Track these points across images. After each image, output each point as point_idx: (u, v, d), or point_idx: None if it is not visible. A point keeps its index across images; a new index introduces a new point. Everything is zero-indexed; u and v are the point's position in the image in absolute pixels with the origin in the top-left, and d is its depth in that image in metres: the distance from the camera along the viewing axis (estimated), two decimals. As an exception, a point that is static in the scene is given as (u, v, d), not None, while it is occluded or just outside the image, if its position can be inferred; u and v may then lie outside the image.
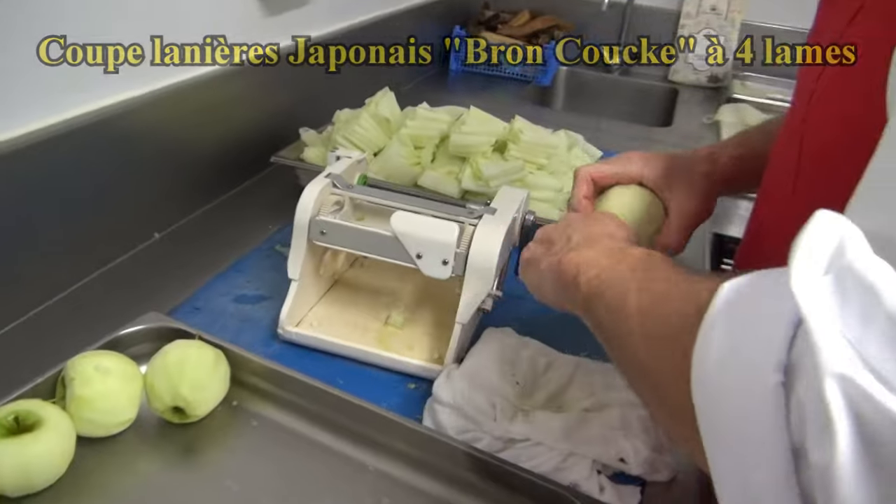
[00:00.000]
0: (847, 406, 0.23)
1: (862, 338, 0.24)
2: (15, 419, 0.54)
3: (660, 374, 0.36)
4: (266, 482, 0.58)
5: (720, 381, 0.29)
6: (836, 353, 0.24)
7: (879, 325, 0.24)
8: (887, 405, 0.22)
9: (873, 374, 0.23)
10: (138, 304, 0.76)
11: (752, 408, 0.26)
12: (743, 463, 0.27)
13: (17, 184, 0.70)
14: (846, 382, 0.23)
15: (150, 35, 0.86)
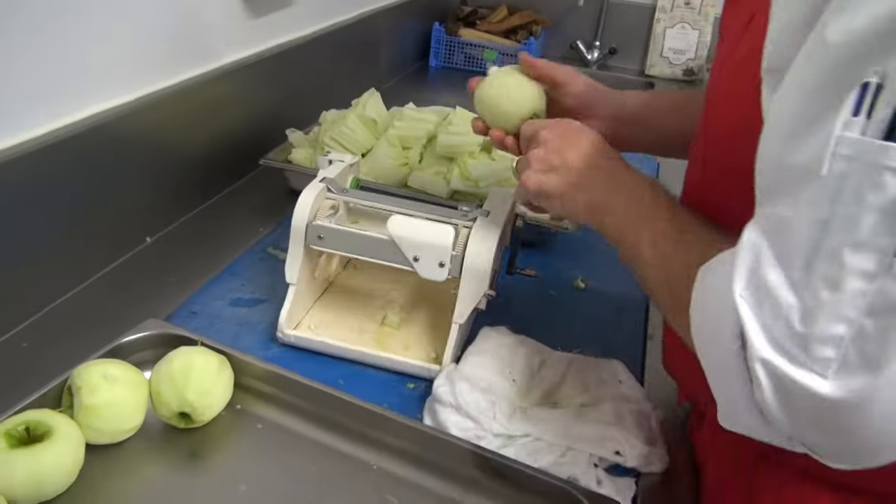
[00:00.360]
0: (767, 376, 0.37)
1: (774, 326, 0.37)
2: (26, 429, 0.54)
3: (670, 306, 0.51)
4: (273, 483, 0.60)
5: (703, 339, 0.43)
6: (759, 341, 0.37)
7: (781, 324, 0.36)
8: (788, 373, 0.36)
9: (780, 352, 0.36)
10: (135, 309, 0.77)
11: (725, 360, 0.40)
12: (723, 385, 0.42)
13: (9, 192, 0.70)
14: (766, 363, 0.37)
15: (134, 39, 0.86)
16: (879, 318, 0.33)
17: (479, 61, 1.85)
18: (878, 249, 0.33)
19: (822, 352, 0.35)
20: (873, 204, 0.32)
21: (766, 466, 0.54)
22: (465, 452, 0.61)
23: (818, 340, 0.35)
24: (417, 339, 0.78)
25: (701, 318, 0.43)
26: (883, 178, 0.32)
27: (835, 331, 0.34)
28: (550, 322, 0.83)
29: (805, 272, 0.35)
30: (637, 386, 0.72)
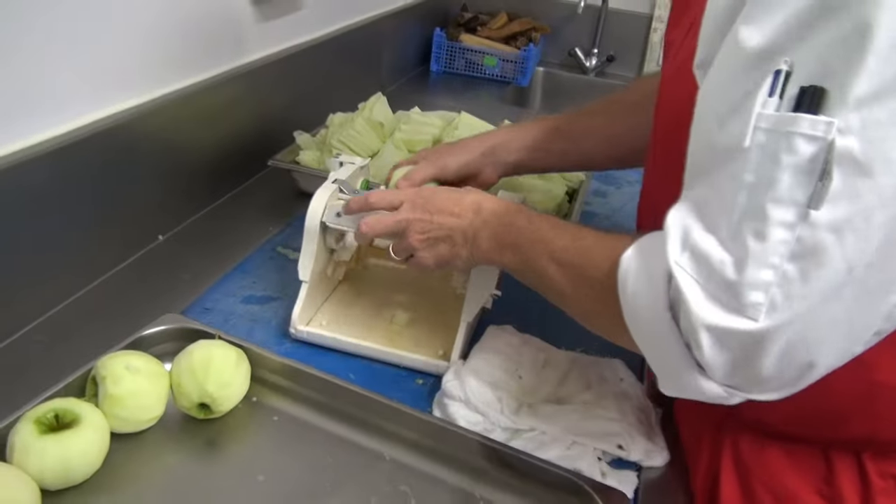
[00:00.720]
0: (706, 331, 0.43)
1: (709, 282, 0.42)
2: (55, 416, 0.56)
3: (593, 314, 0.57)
4: (289, 473, 0.62)
5: (637, 319, 0.48)
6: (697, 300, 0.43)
7: (716, 278, 0.42)
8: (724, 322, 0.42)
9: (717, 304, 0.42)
10: (150, 305, 0.79)
11: (661, 332, 0.46)
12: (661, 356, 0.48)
13: (29, 192, 0.72)
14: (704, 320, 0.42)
15: (147, 43, 0.88)
16: (799, 262, 0.40)
17: (480, 66, 1.88)
18: (795, 202, 0.39)
19: (752, 297, 0.41)
20: (788, 164, 0.39)
21: (729, 422, 0.62)
22: (474, 444, 0.63)
23: (749, 286, 0.41)
24: (425, 337, 0.80)
25: (633, 302, 0.48)
26: (795, 141, 0.39)
27: (763, 276, 0.40)
28: (554, 322, 0.85)
29: (733, 231, 0.42)
30: (637, 384, 0.75)
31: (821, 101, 0.38)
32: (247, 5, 1.06)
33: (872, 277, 0.40)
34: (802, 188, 0.39)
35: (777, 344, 0.41)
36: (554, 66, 2.05)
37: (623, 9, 1.96)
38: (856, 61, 0.37)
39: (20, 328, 0.75)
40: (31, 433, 0.54)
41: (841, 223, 0.38)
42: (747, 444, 0.60)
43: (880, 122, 0.37)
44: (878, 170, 0.37)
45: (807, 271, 0.40)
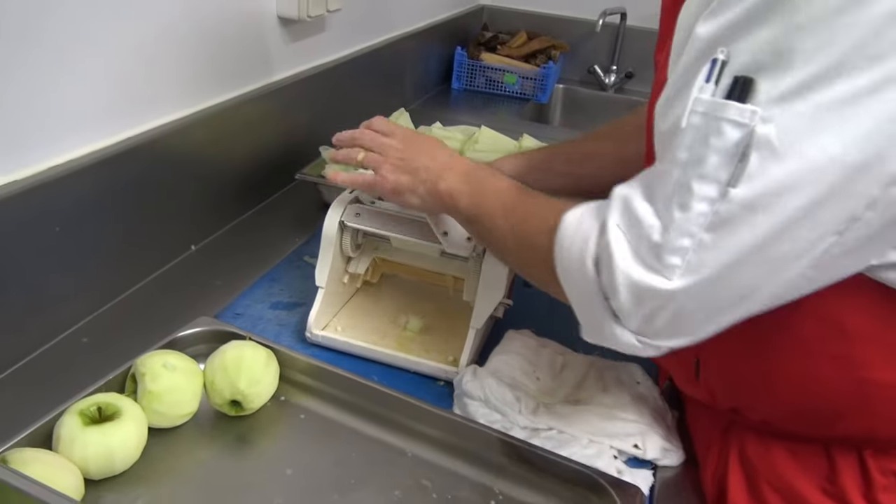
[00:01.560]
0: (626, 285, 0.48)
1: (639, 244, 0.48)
2: (98, 409, 0.60)
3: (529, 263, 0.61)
4: (315, 467, 0.65)
5: (567, 269, 0.53)
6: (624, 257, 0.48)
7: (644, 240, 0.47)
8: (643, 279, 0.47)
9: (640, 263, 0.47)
10: (184, 310, 0.83)
11: (586, 283, 0.51)
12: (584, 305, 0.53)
13: (75, 203, 0.76)
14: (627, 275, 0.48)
15: (184, 62, 0.93)
16: (714, 233, 0.45)
17: (500, 84, 1.92)
18: (717, 180, 0.44)
19: (671, 259, 0.46)
20: (715, 145, 0.44)
21: (736, 424, 0.64)
22: (494, 440, 0.65)
23: (670, 250, 0.46)
24: (437, 343, 0.82)
25: (566, 255, 0.53)
26: (723, 126, 0.43)
27: (682, 243, 0.46)
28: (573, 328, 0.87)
29: (665, 202, 0.47)
30: (653, 387, 0.77)
31: (749, 91, 0.42)
32: (276, 27, 1.11)
33: (776, 249, 0.44)
34: (725, 168, 0.43)
35: (686, 301, 0.47)
36: (573, 83, 2.08)
37: (641, 26, 1.99)
38: (784, 59, 0.41)
39: (68, 328, 0.79)
40: (76, 424, 0.58)
41: (754, 201, 0.43)
42: (753, 444, 0.62)
43: (799, 114, 0.41)
44: (790, 156, 0.42)
45: (719, 241, 0.44)
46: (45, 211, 0.73)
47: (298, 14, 1.09)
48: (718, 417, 0.67)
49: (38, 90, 0.71)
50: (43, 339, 0.77)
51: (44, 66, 0.71)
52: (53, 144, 0.75)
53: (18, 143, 0.71)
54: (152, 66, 0.87)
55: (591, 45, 2.05)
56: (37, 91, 0.71)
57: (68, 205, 0.76)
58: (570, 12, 2.05)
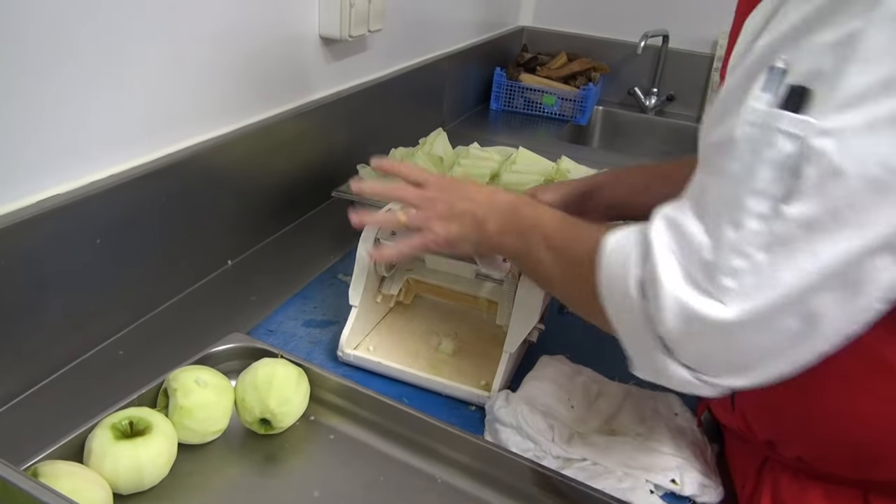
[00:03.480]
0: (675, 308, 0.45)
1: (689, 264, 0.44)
2: (129, 423, 0.60)
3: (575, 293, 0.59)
4: (343, 490, 0.64)
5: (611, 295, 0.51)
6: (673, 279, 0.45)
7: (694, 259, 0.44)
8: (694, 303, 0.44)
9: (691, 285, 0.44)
10: (219, 325, 0.83)
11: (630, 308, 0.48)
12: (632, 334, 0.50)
13: (115, 218, 0.77)
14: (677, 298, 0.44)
15: (228, 81, 0.94)
16: (770, 254, 0.41)
17: (539, 105, 1.91)
18: (770, 196, 0.41)
19: (724, 282, 0.43)
20: (768, 158, 0.41)
21: (772, 462, 0.62)
22: (526, 470, 0.64)
23: (723, 272, 0.43)
24: (469, 367, 0.81)
25: (608, 278, 0.51)
26: (776, 137, 0.41)
27: (735, 263, 0.42)
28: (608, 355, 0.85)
29: (715, 218, 0.44)
30: (692, 419, 0.74)
31: (806, 101, 0.40)
32: (318, 46, 1.12)
33: (839, 275, 0.40)
34: (778, 183, 0.41)
35: (743, 330, 0.43)
36: (613, 104, 2.07)
37: (684, 49, 1.97)
38: (843, 67, 0.39)
39: (104, 340, 0.80)
40: (107, 438, 0.58)
41: (811, 220, 0.40)
42: (788, 483, 0.60)
43: (859, 126, 0.38)
44: (850, 172, 0.39)
45: (776, 262, 0.41)
46: (86, 224, 0.74)
47: (340, 34, 1.10)
48: (754, 452, 0.64)
49: (81, 106, 0.73)
50: (80, 351, 0.77)
51: (87, 83, 0.72)
52: (95, 160, 0.76)
53: (61, 159, 0.72)
54: (195, 83, 0.88)
55: (631, 68, 2.03)
56: (80, 107, 0.73)
57: (109, 219, 0.77)
58: (611, 34, 2.04)
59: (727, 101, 0.45)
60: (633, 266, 0.48)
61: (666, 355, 0.47)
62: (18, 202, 0.68)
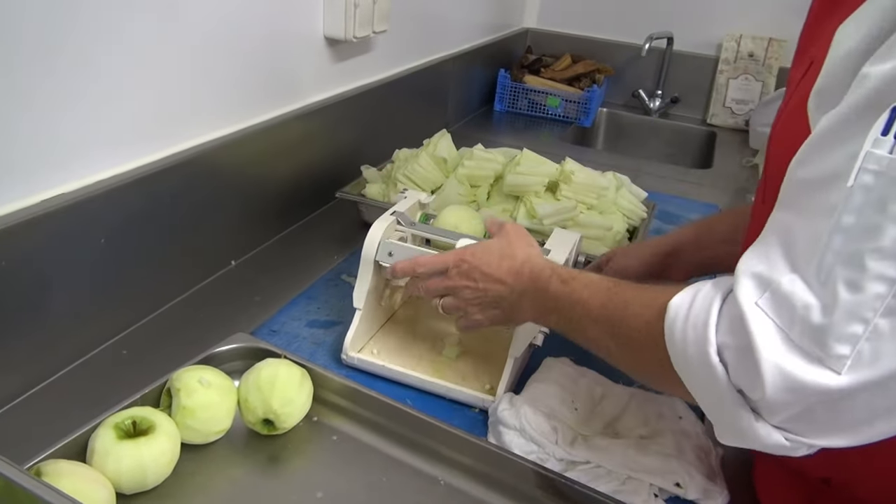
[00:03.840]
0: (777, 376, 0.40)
1: (791, 327, 0.40)
2: (132, 423, 0.60)
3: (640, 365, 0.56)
4: (346, 491, 0.63)
5: (687, 365, 0.47)
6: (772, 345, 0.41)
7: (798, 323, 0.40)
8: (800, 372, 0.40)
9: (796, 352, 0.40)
10: (221, 325, 0.83)
11: (710, 379, 0.45)
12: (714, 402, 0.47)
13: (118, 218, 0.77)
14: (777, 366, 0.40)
15: (232, 81, 0.94)
16: (893, 319, 0.38)
17: (543, 107, 1.91)
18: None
19: (838, 349, 0.39)
20: (895, 214, 0.37)
21: (822, 500, 0.57)
22: (529, 472, 0.63)
23: (836, 338, 0.39)
24: (473, 370, 0.81)
25: (682, 347, 0.47)
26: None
27: (852, 329, 0.38)
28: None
29: (824, 275, 0.39)
30: (697, 422, 0.74)
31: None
32: (323, 47, 1.12)
33: None
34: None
35: (857, 399, 0.39)
36: (617, 106, 2.06)
37: (688, 51, 1.97)
38: None
39: (108, 339, 0.80)
40: (110, 438, 0.58)
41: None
42: None
43: None
44: None
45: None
46: (90, 224, 0.74)
47: (345, 35, 1.10)
48: (802, 485, 0.59)
49: (85, 105, 0.73)
50: (83, 350, 0.77)
51: (91, 82, 0.73)
52: (100, 159, 0.76)
53: (65, 158, 0.72)
54: (199, 84, 0.88)
55: (636, 70, 2.03)
56: (84, 106, 0.73)
57: (113, 218, 0.77)
58: (615, 36, 2.04)
59: (832, 135, 0.41)
60: (710, 331, 0.44)
61: (756, 419, 0.44)
62: (21, 202, 0.68)
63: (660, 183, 1.48)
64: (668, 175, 1.57)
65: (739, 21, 1.92)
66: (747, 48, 1.91)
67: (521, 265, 0.67)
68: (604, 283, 0.60)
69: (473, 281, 0.69)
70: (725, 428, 0.47)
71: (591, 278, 0.61)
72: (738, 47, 1.92)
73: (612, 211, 1.08)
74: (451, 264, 0.70)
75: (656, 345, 0.49)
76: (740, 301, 0.43)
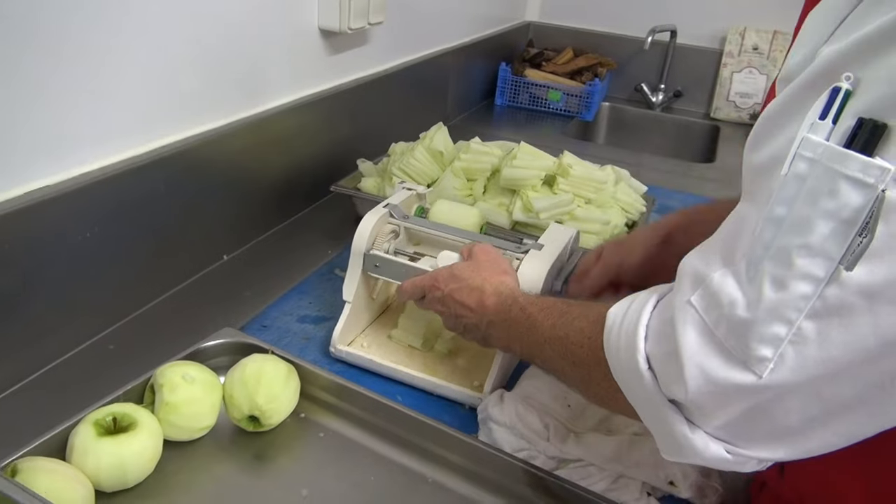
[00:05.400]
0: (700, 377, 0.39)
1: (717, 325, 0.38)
2: (113, 420, 0.59)
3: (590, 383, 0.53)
4: (332, 490, 0.62)
5: (622, 375, 0.46)
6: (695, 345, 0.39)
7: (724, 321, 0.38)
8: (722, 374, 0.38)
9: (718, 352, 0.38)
10: (211, 320, 0.82)
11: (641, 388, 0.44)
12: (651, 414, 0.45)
13: (108, 210, 0.77)
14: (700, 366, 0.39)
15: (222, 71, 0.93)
16: (819, 322, 0.35)
17: (544, 101, 1.89)
18: (827, 256, 0.34)
19: (761, 350, 0.36)
20: (827, 209, 0.33)
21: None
22: (519, 470, 0.62)
23: (758, 339, 0.36)
24: (463, 368, 0.80)
25: (616, 356, 0.46)
26: (838, 184, 0.33)
27: (775, 330, 0.36)
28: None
29: (752, 269, 0.37)
30: (693, 419, 0.72)
31: (879, 140, 0.32)
32: (317, 39, 1.10)
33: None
34: (838, 241, 0.34)
35: (787, 404, 0.37)
36: (620, 101, 2.04)
37: (692, 44, 1.94)
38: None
39: (96, 334, 0.79)
40: (90, 435, 0.57)
41: (877, 289, 0.33)
42: None
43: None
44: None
45: (827, 334, 0.35)
46: (77, 216, 0.73)
47: (340, 26, 1.09)
48: None
49: (75, 97, 0.72)
50: (70, 345, 0.76)
51: (81, 74, 0.71)
52: (87, 151, 0.75)
53: (51, 149, 0.71)
54: (190, 75, 0.87)
55: (639, 63, 2.01)
56: (71, 97, 0.71)
57: (101, 211, 0.76)
58: (618, 29, 2.02)
59: (777, 117, 0.38)
60: (640, 340, 0.43)
61: (692, 430, 0.42)
62: (3, 194, 0.67)
63: (662, 177, 1.46)
64: (670, 169, 1.55)
65: (743, 14, 1.89)
66: (751, 41, 1.88)
67: (488, 296, 0.66)
68: (558, 305, 0.58)
69: (447, 307, 0.69)
70: (665, 441, 0.45)
71: (549, 302, 0.60)
72: (742, 40, 1.89)
73: (611, 205, 1.07)
74: (426, 289, 0.71)
75: (599, 359, 0.48)
76: (674, 301, 0.41)
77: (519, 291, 0.66)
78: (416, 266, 0.76)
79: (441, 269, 0.72)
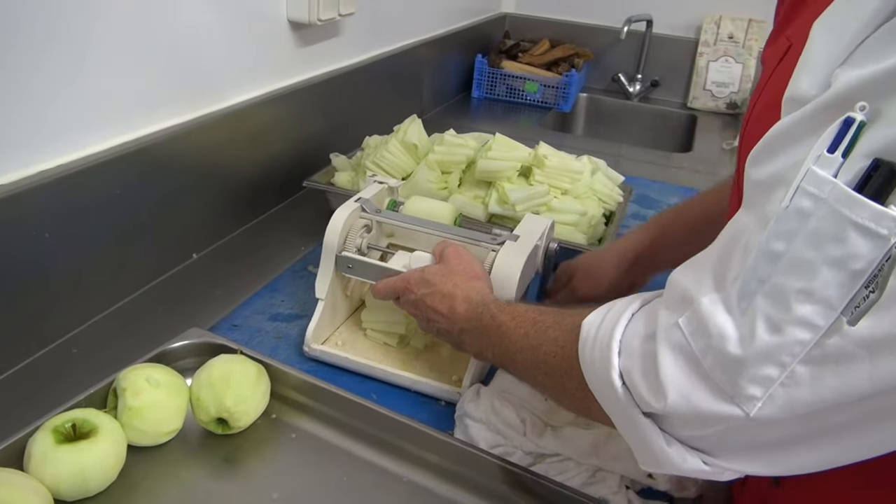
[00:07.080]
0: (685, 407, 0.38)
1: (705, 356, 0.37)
2: (72, 426, 0.57)
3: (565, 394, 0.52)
4: (305, 492, 0.61)
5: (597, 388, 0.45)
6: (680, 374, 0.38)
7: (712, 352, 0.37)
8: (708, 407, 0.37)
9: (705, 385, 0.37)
10: (180, 320, 0.79)
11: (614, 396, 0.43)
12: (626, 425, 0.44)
13: (69, 208, 0.74)
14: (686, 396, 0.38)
15: (188, 63, 0.91)
16: (814, 369, 0.33)
17: (521, 92, 1.88)
18: (828, 304, 0.32)
19: (750, 390, 0.35)
20: (833, 256, 0.31)
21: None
22: (495, 468, 0.61)
23: (748, 378, 0.35)
24: (440, 363, 0.78)
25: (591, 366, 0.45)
26: (846, 232, 0.31)
27: (767, 372, 0.34)
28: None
29: (744, 301, 0.35)
30: (672, 411, 0.71)
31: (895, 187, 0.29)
32: (286, 30, 1.08)
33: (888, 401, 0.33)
34: (842, 291, 0.31)
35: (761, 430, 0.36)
36: (597, 91, 2.04)
37: (668, 34, 1.94)
38: None
39: (59, 338, 0.77)
40: (48, 442, 0.55)
41: (881, 342, 0.31)
42: None
43: None
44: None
45: (821, 379, 0.33)
46: (35, 215, 0.70)
47: (309, 18, 1.06)
48: None
49: (25, 88, 0.69)
50: (30, 350, 0.74)
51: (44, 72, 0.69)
52: (42, 148, 0.72)
53: (4, 147, 0.68)
54: (153, 68, 0.85)
55: (615, 53, 2.00)
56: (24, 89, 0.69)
57: (61, 209, 0.73)
58: (594, 20, 2.01)
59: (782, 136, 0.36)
60: (614, 354, 0.42)
61: (667, 442, 0.41)
62: (-43, 194, 0.65)
63: (640, 167, 1.45)
64: (648, 159, 1.54)
65: (718, 2, 1.89)
66: (727, 30, 1.88)
67: (459, 303, 0.65)
68: (530, 313, 0.57)
69: (420, 311, 0.68)
70: (642, 452, 0.44)
71: (521, 309, 0.59)
72: (718, 29, 1.89)
73: (588, 195, 1.06)
74: (399, 292, 0.70)
75: (572, 369, 0.47)
76: (659, 318, 0.40)
77: (490, 297, 0.65)
78: (389, 267, 0.74)
79: (413, 272, 0.70)
